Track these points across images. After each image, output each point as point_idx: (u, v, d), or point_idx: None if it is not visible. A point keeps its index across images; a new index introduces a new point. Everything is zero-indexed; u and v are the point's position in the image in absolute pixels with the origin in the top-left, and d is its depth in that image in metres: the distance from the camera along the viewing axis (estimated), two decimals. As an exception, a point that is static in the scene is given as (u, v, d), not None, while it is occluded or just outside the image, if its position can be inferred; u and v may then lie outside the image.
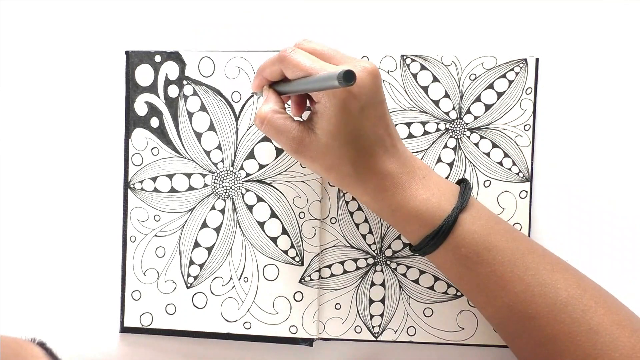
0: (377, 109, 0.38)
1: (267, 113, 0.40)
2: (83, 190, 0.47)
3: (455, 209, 0.39)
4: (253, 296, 0.46)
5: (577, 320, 0.37)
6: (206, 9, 0.47)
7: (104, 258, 0.47)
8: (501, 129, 0.46)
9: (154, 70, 0.46)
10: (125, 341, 0.47)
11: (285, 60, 0.38)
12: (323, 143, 0.38)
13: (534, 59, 0.45)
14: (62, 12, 0.47)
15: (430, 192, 0.39)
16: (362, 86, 0.37)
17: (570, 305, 0.37)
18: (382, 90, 0.39)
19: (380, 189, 0.39)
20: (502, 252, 0.38)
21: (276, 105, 0.40)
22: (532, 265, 0.38)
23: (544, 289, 0.38)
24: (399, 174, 0.39)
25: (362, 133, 0.38)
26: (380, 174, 0.39)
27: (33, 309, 0.47)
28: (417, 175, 0.40)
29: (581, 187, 0.46)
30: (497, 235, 0.39)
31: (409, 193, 0.39)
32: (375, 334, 0.46)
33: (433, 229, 0.39)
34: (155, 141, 0.46)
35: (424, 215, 0.39)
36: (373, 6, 0.47)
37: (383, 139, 0.39)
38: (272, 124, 0.39)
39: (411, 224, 0.39)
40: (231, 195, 0.46)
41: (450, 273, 0.41)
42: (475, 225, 0.39)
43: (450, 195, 0.40)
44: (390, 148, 0.39)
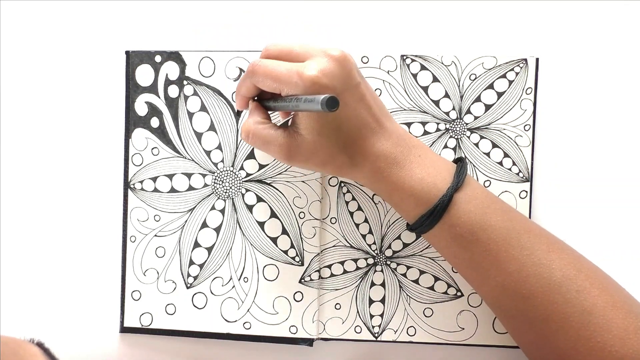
0: (353, 93, 0.38)
1: (251, 125, 0.40)
2: (83, 190, 0.47)
3: (451, 188, 0.39)
4: (253, 296, 0.46)
5: (571, 301, 0.37)
6: (206, 9, 0.47)
7: (104, 258, 0.47)
8: (501, 129, 0.46)
9: (154, 71, 0.46)
10: (125, 341, 0.47)
11: (254, 74, 0.39)
12: (311, 141, 0.38)
13: (534, 59, 0.45)
14: (62, 12, 0.48)
15: (425, 171, 0.39)
16: (332, 75, 0.37)
17: (564, 286, 0.37)
18: (355, 73, 0.38)
19: (375, 171, 0.39)
20: (497, 231, 0.38)
21: (259, 117, 0.41)
22: (528, 244, 0.38)
23: (538, 269, 0.38)
24: (392, 153, 0.39)
25: (345, 120, 0.38)
26: (372, 156, 0.39)
27: (33, 309, 0.47)
28: (412, 153, 0.40)
29: (581, 187, 0.46)
30: (493, 215, 0.39)
31: (405, 172, 0.39)
32: (375, 334, 0.46)
33: (428, 209, 0.39)
34: (156, 141, 0.46)
35: (419, 194, 0.39)
36: (373, 6, 0.47)
37: (367, 121, 0.39)
38: (257, 135, 0.40)
39: (407, 203, 0.39)
40: (231, 195, 0.46)
41: (445, 252, 0.41)
42: (471, 205, 0.39)
43: (447, 174, 0.40)
44: (378, 129, 0.39)
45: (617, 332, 0.36)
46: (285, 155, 0.39)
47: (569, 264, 0.38)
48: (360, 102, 0.39)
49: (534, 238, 0.39)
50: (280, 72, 0.37)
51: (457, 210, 0.39)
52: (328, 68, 0.37)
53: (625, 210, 0.46)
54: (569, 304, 0.37)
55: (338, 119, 0.38)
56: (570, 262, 0.38)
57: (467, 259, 0.39)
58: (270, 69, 0.38)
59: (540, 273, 0.38)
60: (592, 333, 0.37)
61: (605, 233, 0.46)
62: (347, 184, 0.46)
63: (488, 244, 0.38)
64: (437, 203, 0.38)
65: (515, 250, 0.38)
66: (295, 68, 0.37)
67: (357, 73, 0.39)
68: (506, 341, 0.46)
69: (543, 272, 0.38)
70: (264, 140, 0.39)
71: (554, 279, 0.38)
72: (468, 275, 0.41)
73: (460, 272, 0.42)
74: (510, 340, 0.46)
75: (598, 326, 0.37)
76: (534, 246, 0.38)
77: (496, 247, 0.38)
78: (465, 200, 0.39)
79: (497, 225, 0.39)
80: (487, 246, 0.38)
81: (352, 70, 0.38)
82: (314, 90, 0.36)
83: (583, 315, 0.37)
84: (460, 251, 0.39)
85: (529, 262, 0.38)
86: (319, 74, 0.36)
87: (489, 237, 0.38)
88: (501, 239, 0.38)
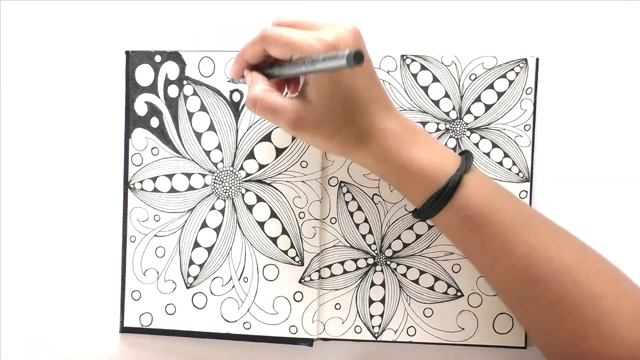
0: (365, 67, 0.37)
1: (259, 93, 0.38)
2: (83, 190, 0.47)
3: (461, 168, 0.38)
4: (253, 296, 0.46)
5: (581, 285, 0.37)
6: (206, 9, 0.47)
7: (103, 258, 0.47)
8: (501, 129, 0.46)
9: (154, 70, 0.46)
10: (125, 341, 0.47)
11: (268, 38, 0.37)
12: (321, 110, 0.37)
13: (534, 59, 0.45)
14: (62, 13, 0.47)
15: (433, 153, 0.39)
16: (348, 43, 0.36)
17: (574, 270, 0.37)
18: (365, 49, 0.38)
19: (383, 148, 0.38)
20: (507, 214, 0.38)
21: (265, 84, 0.39)
22: (536, 228, 0.38)
23: (548, 253, 0.37)
24: (400, 132, 0.39)
25: (357, 91, 0.37)
26: (381, 132, 0.38)
27: (33, 309, 0.47)
28: (418, 135, 0.39)
29: (581, 187, 0.46)
30: (502, 197, 0.39)
31: (413, 153, 0.38)
32: (375, 334, 0.46)
33: (438, 189, 0.38)
34: (155, 141, 0.46)
35: (428, 175, 0.38)
36: (373, 6, 0.47)
37: (378, 98, 0.38)
38: (266, 103, 0.38)
39: (416, 185, 0.39)
40: (231, 195, 0.46)
41: (454, 236, 0.40)
42: (480, 187, 0.38)
43: (453, 157, 0.39)
44: (387, 107, 0.39)
45: (627, 318, 0.36)
46: (292, 124, 0.38)
47: (577, 248, 0.38)
48: (371, 78, 0.38)
49: (542, 223, 0.39)
50: (295, 37, 0.36)
51: (467, 191, 0.38)
52: (344, 37, 0.36)
53: (625, 210, 0.46)
54: (579, 288, 0.37)
55: (349, 90, 0.37)
56: (578, 248, 0.38)
57: (477, 242, 0.39)
58: (285, 34, 0.37)
59: (550, 257, 0.37)
60: (602, 319, 0.36)
61: (605, 233, 0.46)
62: (347, 184, 0.46)
63: (498, 227, 0.38)
64: (447, 182, 0.38)
65: (525, 234, 0.38)
66: (312, 34, 0.36)
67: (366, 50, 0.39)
68: (506, 341, 0.46)
69: (553, 256, 0.37)
70: (273, 109, 0.38)
71: (564, 263, 0.37)
72: (477, 259, 0.40)
73: (468, 257, 0.41)
74: (511, 341, 0.46)
75: (608, 312, 0.36)
76: (543, 230, 0.38)
77: (505, 229, 0.38)
78: (474, 182, 0.38)
79: (506, 208, 0.38)
80: (497, 229, 0.38)
81: (364, 46, 0.38)
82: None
83: (593, 300, 0.36)
84: (469, 234, 0.39)
85: (539, 245, 0.38)
86: (337, 40, 0.36)
87: (498, 219, 0.38)
88: (510, 221, 0.38)
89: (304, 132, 0.38)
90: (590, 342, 0.37)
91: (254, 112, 0.39)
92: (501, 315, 0.46)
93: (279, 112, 0.38)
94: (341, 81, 0.37)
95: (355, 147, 0.39)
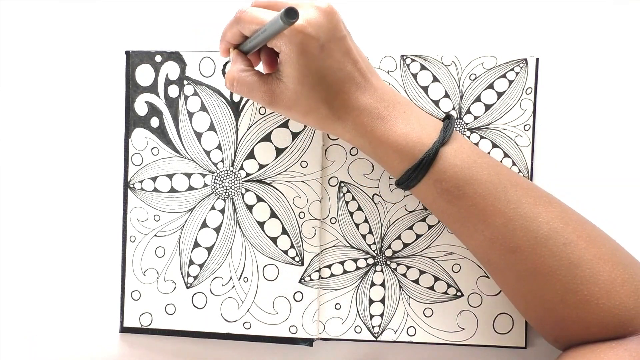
0: (339, 45, 0.38)
1: (235, 73, 0.40)
2: (83, 190, 0.47)
3: (437, 142, 0.39)
4: (253, 296, 0.46)
5: (558, 254, 0.37)
6: (206, 9, 0.47)
7: (103, 258, 0.47)
8: (501, 129, 0.46)
9: (155, 70, 0.46)
10: (125, 341, 0.47)
11: (241, 19, 0.39)
12: (292, 90, 0.38)
13: (534, 59, 0.45)
14: (62, 13, 0.48)
15: (410, 127, 0.39)
16: (318, 25, 0.37)
17: (551, 239, 0.38)
18: (342, 26, 0.38)
19: (359, 125, 0.39)
20: (484, 185, 0.38)
21: (242, 64, 0.41)
22: (514, 198, 0.38)
23: (525, 222, 0.38)
24: (376, 108, 0.39)
25: (329, 72, 0.38)
26: (356, 110, 0.39)
27: (33, 309, 0.47)
28: (396, 109, 0.40)
29: (581, 187, 0.46)
30: (480, 169, 0.39)
31: (389, 127, 0.39)
32: (375, 334, 0.46)
33: (414, 163, 0.39)
34: (155, 141, 0.46)
35: (404, 149, 0.39)
36: (373, 6, 0.47)
37: (352, 75, 0.39)
38: (241, 82, 0.40)
39: (392, 158, 0.40)
40: (231, 195, 0.46)
41: (433, 207, 0.41)
42: (457, 159, 0.39)
43: (432, 130, 0.40)
44: (363, 83, 0.39)
45: (603, 284, 0.37)
46: (268, 101, 0.40)
47: (556, 217, 0.38)
48: (346, 55, 0.39)
49: (521, 191, 0.39)
50: (265, 19, 0.37)
51: (443, 164, 0.39)
52: (314, 18, 0.37)
53: (625, 210, 0.46)
54: (555, 257, 0.37)
55: (322, 69, 0.38)
56: (557, 215, 0.38)
57: (454, 213, 0.40)
58: (256, 15, 0.38)
59: (527, 226, 0.38)
60: (579, 286, 0.37)
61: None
62: (347, 184, 0.46)
63: (474, 198, 0.38)
64: (422, 157, 0.38)
65: (502, 204, 0.38)
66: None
67: (343, 26, 0.39)
68: (506, 341, 0.46)
69: (530, 226, 0.38)
70: (248, 87, 0.40)
71: (541, 232, 0.38)
72: (456, 230, 0.41)
73: (448, 227, 0.42)
74: (511, 341, 0.46)
75: (585, 279, 0.37)
76: (521, 199, 0.38)
77: (482, 201, 0.38)
78: (451, 154, 0.39)
79: (484, 179, 0.39)
80: (473, 200, 0.39)
81: (338, 23, 0.38)
82: (298, 39, 0.37)
83: (570, 268, 0.37)
84: (447, 206, 0.40)
85: (516, 215, 0.38)
86: (305, 24, 0.36)
87: (475, 191, 0.38)
88: (488, 192, 0.38)
89: (279, 108, 0.40)
90: (567, 308, 0.38)
91: (231, 90, 0.41)
92: (501, 316, 0.46)
93: (254, 89, 0.40)
94: (312, 63, 0.37)
95: (330, 124, 0.40)
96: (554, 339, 0.41)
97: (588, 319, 0.37)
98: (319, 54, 0.37)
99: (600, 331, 0.37)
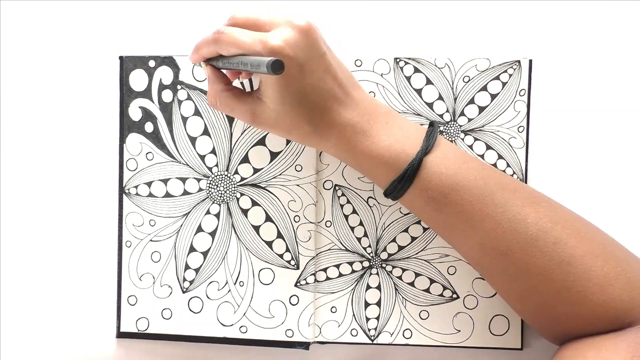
0: (318, 63, 0.38)
1: (217, 93, 0.41)
2: (78, 195, 0.47)
3: (420, 152, 0.39)
4: (249, 300, 0.46)
5: (549, 254, 0.38)
6: (200, 14, 0.47)
7: (99, 263, 0.47)
8: (495, 130, 0.46)
9: (148, 75, 0.46)
10: (122, 346, 0.47)
11: (220, 41, 0.38)
12: (273, 110, 0.38)
13: (527, 61, 0.45)
14: (55, 18, 0.48)
15: (393, 137, 0.39)
16: (296, 45, 0.37)
17: (541, 240, 0.38)
18: (321, 43, 0.38)
19: (342, 141, 0.39)
20: (470, 191, 0.39)
21: (222, 82, 0.41)
22: (502, 201, 0.38)
23: (514, 225, 0.38)
24: (358, 122, 0.39)
25: (309, 90, 0.38)
26: (339, 126, 0.39)
27: (30, 315, 0.47)
28: (379, 121, 0.40)
29: (575, 189, 0.46)
30: (465, 174, 0.39)
31: (372, 141, 0.39)
32: (371, 337, 0.46)
33: (399, 174, 0.39)
34: (150, 146, 0.46)
35: (388, 161, 0.39)
36: (366, 9, 0.47)
37: (333, 92, 0.39)
38: (223, 103, 0.41)
39: (377, 171, 0.40)
40: (226, 199, 0.46)
41: (422, 215, 0.41)
42: (442, 167, 0.39)
43: (416, 139, 0.40)
44: (345, 98, 0.39)
45: (597, 279, 0.37)
46: (250, 120, 0.40)
47: (545, 216, 0.38)
48: (326, 72, 0.38)
49: (507, 194, 0.39)
50: (244, 41, 0.37)
51: (428, 173, 0.39)
52: (292, 38, 0.37)
53: (619, 212, 0.46)
54: (546, 257, 0.38)
55: (303, 89, 0.38)
56: (545, 215, 0.38)
57: (443, 221, 0.40)
58: (235, 37, 0.38)
59: (515, 229, 0.38)
60: (572, 283, 0.37)
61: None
62: (341, 187, 0.46)
63: (462, 205, 0.39)
64: (406, 167, 0.39)
65: (489, 208, 0.38)
66: (259, 37, 0.37)
67: (322, 43, 0.39)
68: (502, 343, 0.46)
69: (518, 228, 0.38)
70: (230, 107, 0.40)
71: (530, 233, 0.38)
72: (446, 236, 0.41)
73: (439, 234, 0.42)
74: (507, 342, 0.46)
75: (577, 276, 0.37)
76: (508, 202, 0.39)
77: (470, 207, 0.38)
78: (436, 162, 0.39)
79: (470, 184, 0.39)
80: (460, 207, 0.39)
81: (317, 41, 0.38)
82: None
83: (562, 267, 0.37)
84: (434, 214, 0.40)
85: (504, 218, 0.38)
86: (283, 44, 0.36)
87: (462, 197, 0.39)
88: (474, 198, 0.38)
89: (262, 127, 0.41)
90: (563, 306, 0.38)
91: (215, 109, 0.42)
92: (497, 317, 0.46)
93: (236, 109, 0.40)
94: (292, 83, 0.37)
95: (314, 140, 0.40)
96: (552, 336, 0.41)
97: (584, 314, 0.38)
98: (299, 74, 0.37)
99: (597, 325, 0.38)
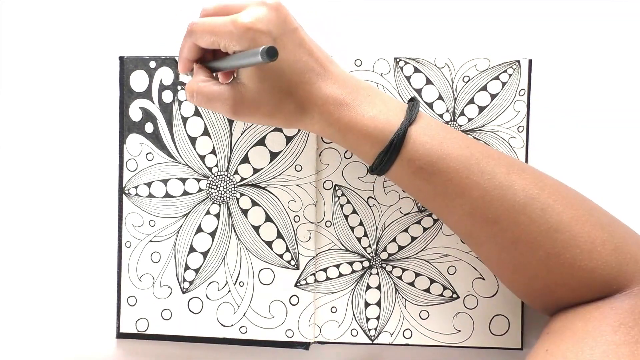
0: (292, 37, 0.38)
1: (194, 85, 0.40)
2: (78, 196, 0.47)
3: (405, 121, 0.39)
4: (249, 300, 0.46)
5: (536, 221, 0.37)
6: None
7: (99, 264, 0.47)
8: (495, 130, 0.46)
9: (149, 76, 0.46)
10: (122, 347, 0.47)
11: (193, 31, 0.39)
12: (254, 90, 0.38)
13: (526, 61, 0.46)
14: (55, 18, 0.48)
15: (377, 109, 0.39)
16: (268, 20, 0.37)
17: (528, 206, 0.38)
18: (292, 19, 0.39)
19: (325, 114, 0.39)
20: (456, 159, 0.39)
21: (203, 75, 0.41)
22: (488, 169, 0.38)
23: (501, 192, 0.38)
24: (340, 95, 0.39)
25: (286, 65, 0.38)
26: (320, 99, 0.39)
27: (30, 315, 0.47)
28: (360, 94, 0.40)
29: (575, 188, 0.46)
30: (450, 143, 0.39)
31: (355, 112, 0.39)
32: (371, 337, 0.46)
33: (385, 146, 0.39)
34: (150, 146, 0.46)
35: (373, 133, 0.39)
36: (366, 9, 0.47)
37: (310, 65, 0.39)
38: (202, 93, 0.40)
39: (363, 144, 0.39)
40: (226, 199, 0.46)
41: (410, 189, 0.41)
42: (427, 136, 0.39)
43: (399, 111, 0.40)
44: (322, 72, 0.39)
45: (584, 245, 0.37)
46: (230, 109, 0.39)
47: (531, 183, 0.38)
48: (300, 46, 0.39)
49: (493, 162, 0.39)
50: (215, 24, 0.38)
51: (414, 143, 0.39)
52: (263, 14, 0.37)
53: (619, 212, 0.46)
54: (534, 224, 0.37)
55: (279, 67, 0.38)
56: (532, 182, 0.38)
57: (431, 191, 0.40)
58: (206, 22, 0.38)
59: (503, 196, 0.38)
60: (560, 250, 0.37)
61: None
62: (341, 187, 0.46)
63: (449, 173, 0.39)
64: (392, 137, 0.38)
65: (477, 176, 0.38)
66: (230, 18, 0.37)
67: (293, 19, 0.39)
68: (502, 343, 0.46)
69: (506, 195, 0.38)
70: (208, 98, 0.39)
71: (518, 200, 0.38)
72: (435, 208, 0.41)
73: (428, 207, 0.42)
74: (507, 342, 0.46)
75: (565, 242, 0.37)
76: (494, 170, 0.39)
77: (457, 175, 0.38)
78: (420, 132, 0.39)
79: (456, 153, 0.39)
80: (448, 175, 0.39)
81: (287, 16, 0.38)
82: (249, 36, 0.37)
83: (549, 233, 0.37)
84: (423, 184, 0.40)
85: (491, 186, 0.38)
86: (253, 20, 0.37)
87: (448, 165, 0.38)
88: (461, 166, 0.38)
89: (243, 115, 0.39)
90: (552, 273, 0.38)
91: (193, 103, 0.41)
92: (497, 317, 0.46)
93: (216, 99, 0.39)
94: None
95: (298, 119, 0.40)
96: (542, 306, 0.41)
97: (573, 282, 0.38)
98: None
99: (586, 293, 0.38)
